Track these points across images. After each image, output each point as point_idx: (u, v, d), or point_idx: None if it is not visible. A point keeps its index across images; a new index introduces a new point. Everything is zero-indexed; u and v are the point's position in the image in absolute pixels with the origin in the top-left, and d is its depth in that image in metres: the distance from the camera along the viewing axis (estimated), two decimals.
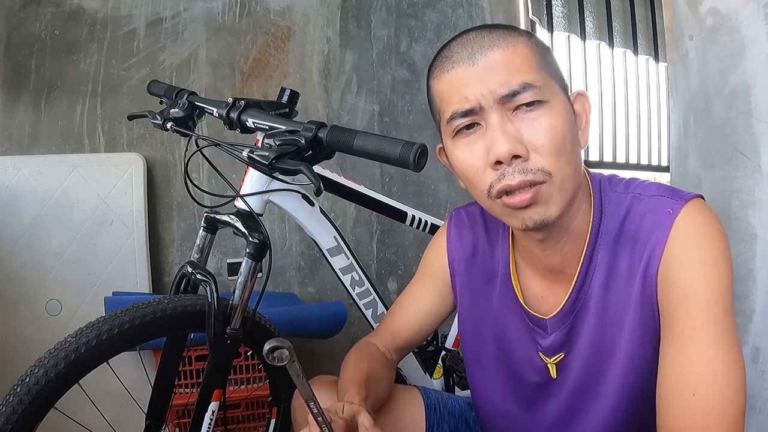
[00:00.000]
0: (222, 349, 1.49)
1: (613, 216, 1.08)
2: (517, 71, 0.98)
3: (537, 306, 1.17)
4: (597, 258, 1.09)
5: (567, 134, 1.00)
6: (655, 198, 1.05)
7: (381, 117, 2.92)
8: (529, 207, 0.99)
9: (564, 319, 1.12)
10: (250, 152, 1.32)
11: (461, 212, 1.35)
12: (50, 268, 2.35)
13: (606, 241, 1.08)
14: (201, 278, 1.49)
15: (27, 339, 2.23)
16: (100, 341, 1.32)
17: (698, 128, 1.84)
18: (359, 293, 1.75)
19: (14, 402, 1.26)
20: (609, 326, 1.08)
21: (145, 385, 1.64)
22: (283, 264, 2.81)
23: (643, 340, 1.05)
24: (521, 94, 0.97)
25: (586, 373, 1.13)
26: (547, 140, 0.97)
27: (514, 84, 0.97)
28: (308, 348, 2.60)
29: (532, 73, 0.99)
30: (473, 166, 1.02)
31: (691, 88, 1.88)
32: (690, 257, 0.98)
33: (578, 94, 1.08)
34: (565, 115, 1.01)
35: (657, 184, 1.10)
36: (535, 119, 0.98)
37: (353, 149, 1.22)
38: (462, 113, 1.01)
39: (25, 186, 2.33)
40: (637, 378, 1.07)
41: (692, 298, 0.95)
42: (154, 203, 2.61)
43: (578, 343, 1.12)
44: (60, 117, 2.51)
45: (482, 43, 1.00)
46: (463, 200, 2.86)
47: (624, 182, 1.13)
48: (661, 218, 1.02)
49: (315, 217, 1.64)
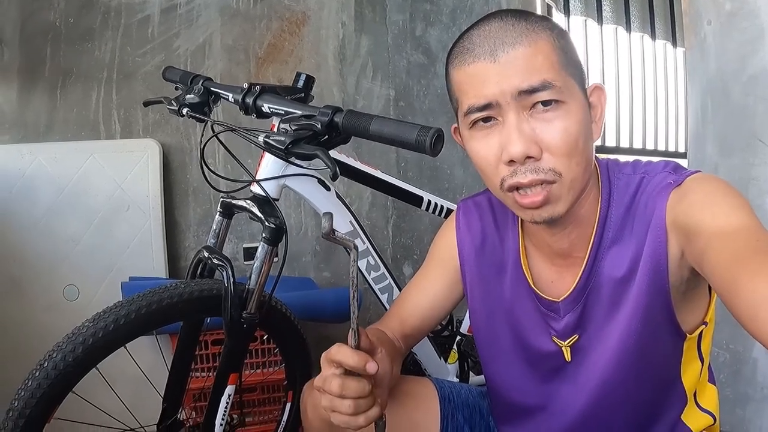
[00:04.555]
0: (238, 334, 1.50)
1: (621, 198, 1.10)
2: (537, 70, 0.98)
3: (548, 290, 1.18)
4: (606, 240, 1.10)
5: (580, 136, 1.00)
6: (661, 174, 1.07)
7: (396, 102, 2.91)
8: (539, 206, 1.01)
9: (576, 300, 1.13)
10: (266, 137, 1.32)
11: (469, 202, 1.35)
12: (67, 254, 2.36)
13: (614, 223, 1.09)
14: (217, 263, 1.49)
15: (45, 324, 2.25)
16: (118, 326, 1.33)
17: (716, 114, 1.83)
18: (375, 278, 1.75)
19: (33, 386, 1.28)
20: (619, 302, 1.09)
21: (162, 368, 1.65)
22: (299, 249, 2.81)
23: (649, 305, 1.06)
24: (540, 92, 0.97)
25: (599, 354, 1.13)
26: (561, 142, 0.98)
27: (534, 81, 0.97)
28: (323, 333, 2.59)
29: (553, 72, 0.99)
30: (487, 159, 1.04)
31: (709, 73, 1.86)
32: (697, 202, 0.99)
33: (595, 87, 1.09)
34: (580, 116, 1.01)
35: (664, 162, 1.12)
36: (550, 120, 0.99)
37: (369, 134, 1.22)
38: (479, 108, 1.01)
39: (42, 173, 2.34)
40: (639, 344, 1.08)
41: (715, 220, 0.94)
42: (170, 189, 2.62)
43: (591, 323, 1.13)
44: (75, 104, 2.52)
45: (504, 38, 0.99)
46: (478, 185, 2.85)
47: (631, 164, 1.15)
48: (664, 188, 1.04)
49: (331, 201, 1.64)
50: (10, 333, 2.28)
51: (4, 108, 2.45)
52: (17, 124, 2.46)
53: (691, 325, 1.11)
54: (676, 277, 1.04)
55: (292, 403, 1.84)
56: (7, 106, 2.45)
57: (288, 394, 1.85)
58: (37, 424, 1.30)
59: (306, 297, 2.13)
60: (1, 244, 2.30)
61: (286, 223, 1.48)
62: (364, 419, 0.95)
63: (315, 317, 2.09)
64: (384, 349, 1.04)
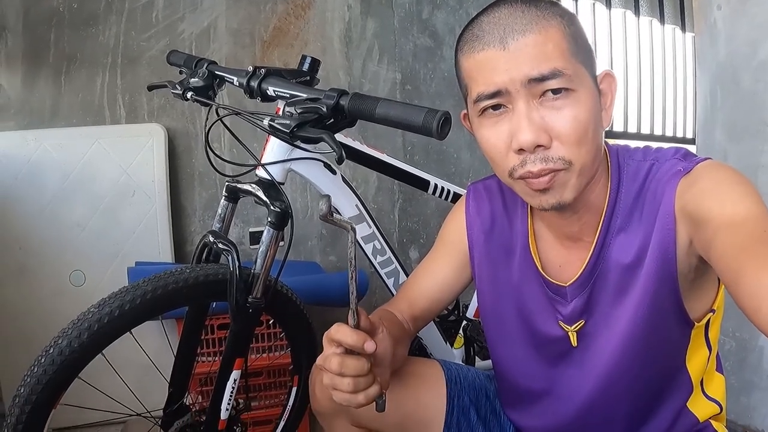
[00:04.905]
0: (244, 318, 1.49)
1: (631, 184, 1.10)
2: (548, 58, 0.97)
3: (556, 274, 1.18)
4: (615, 224, 1.10)
5: (590, 124, 1.00)
6: (670, 161, 1.07)
7: (403, 85, 2.89)
8: (546, 191, 1.02)
9: (583, 285, 1.13)
10: (271, 120, 1.31)
11: (479, 186, 1.35)
12: (73, 240, 2.36)
13: (623, 209, 1.09)
14: (222, 247, 1.49)
15: (51, 310, 2.25)
16: (123, 311, 1.33)
17: (725, 100, 1.82)
18: (381, 262, 1.74)
19: (38, 372, 1.28)
20: (626, 288, 1.09)
21: (168, 353, 1.65)
22: (305, 233, 2.81)
23: (657, 293, 1.06)
24: (550, 80, 0.97)
25: (606, 340, 1.13)
26: (571, 131, 0.98)
27: (544, 69, 0.97)
28: (329, 317, 2.59)
29: (563, 61, 0.98)
30: (497, 147, 1.04)
31: (718, 58, 1.85)
32: (706, 190, 0.99)
33: (606, 74, 1.08)
34: (590, 104, 1.01)
35: (674, 149, 1.11)
36: (560, 108, 0.98)
37: (375, 117, 1.20)
38: (488, 95, 1.01)
39: (47, 159, 2.33)
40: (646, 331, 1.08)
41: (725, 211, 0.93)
42: (176, 173, 2.61)
43: (598, 308, 1.14)
44: (80, 89, 2.51)
45: (514, 26, 0.98)
46: (485, 169, 2.85)
47: (641, 150, 1.14)
48: (673, 175, 1.04)
49: (337, 185, 1.63)
50: (17, 319, 2.29)
51: (8, 94, 2.45)
52: (22, 111, 2.46)
53: (699, 313, 1.11)
54: (684, 264, 1.03)
55: (298, 388, 1.84)
56: (11, 92, 2.45)
57: (294, 379, 1.85)
58: (43, 410, 1.30)
59: (312, 281, 2.12)
60: (7, 231, 2.30)
61: (292, 207, 1.48)
62: (363, 397, 0.98)
63: (321, 301, 2.09)
64: (385, 329, 1.07)
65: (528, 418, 1.33)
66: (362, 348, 0.96)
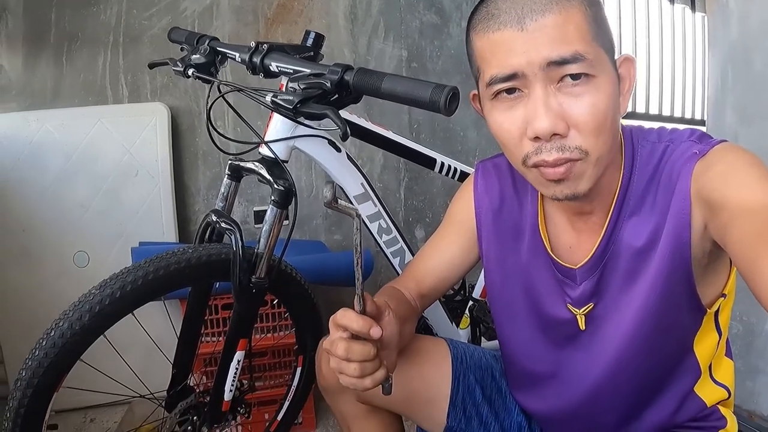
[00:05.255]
0: (247, 298, 1.48)
1: (645, 166, 1.07)
2: (568, 40, 0.93)
3: (566, 256, 1.16)
4: (628, 207, 1.07)
5: (609, 112, 0.96)
6: (686, 143, 1.04)
7: (409, 63, 2.85)
8: (561, 182, 0.98)
9: (593, 268, 1.11)
10: (274, 96, 1.29)
11: (488, 164, 1.32)
12: (77, 221, 2.35)
13: (636, 191, 1.07)
14: (225, 227, 1.47)
15: (56, 292, 2.25)
16: (125, 292, 1.32)
17: (736, 82, 1.80)
18: (387, 241, 1.73)
19: (40, 356, 1.27)
20: (638, 272, 1.07)
21: (172, 334, 1.64)
22: (310, 212, 2.79)
23: (670, 278, 1.03)
24: (570, 64, 0.93)
25: (614, 323, 1.12)
26: (590, 119, 0.95)
27: (565, 52, 0.92)
28: (335, 296, 2.58)
29: (584, 44, 0.94)
30: (510, 133, 1.00)
31: (730, 39, 1.84)
32: (722, 173, 0.96)
33: (625, 58, 1.04)
34: (610, 91, 0.97)
35: (690, 130, 1.08)
36: (579, 95, 0.94)
37: (381, 92, 1.17)
38: (503, 78, 0.97)
39: (49, 140, 2.31)
40: (658, 316, 1.07)
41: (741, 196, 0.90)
42: (180, 152, 2.60)
43: (607, 292, 1.12)
44: (82, 69, 2.48)
45: (533, 5, 0.94)
46: (492, 148, 2.82)
47: (656, 131, 1.11)
48: (689, 158, 1.01)
49: (342, 163, 1.61)
50: (21, 301, 2.29)
51: (10, 76, 2.42)
52: (23, 92, 2.43)
53: (711, 299, 1.09)
54: (698, 249, 1.01)
55: (303, 368, 1.84)
56: (12, 73, 2.42)
57: (299, 359, 1.85)
58: (45, 393, 1.29)
59: (317, 260, 2.11)
60: (10, 213, 2.29)
61: (297, 186, 1.46)
62: (370, 381, 0.98)
63: (326, 281, 2.08)
64: (391, 312, 1.05)
65: (533, 400, 1.32)
66: (368, 334, 0.95)
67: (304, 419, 2.24)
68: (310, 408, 2.25)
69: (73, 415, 2.34)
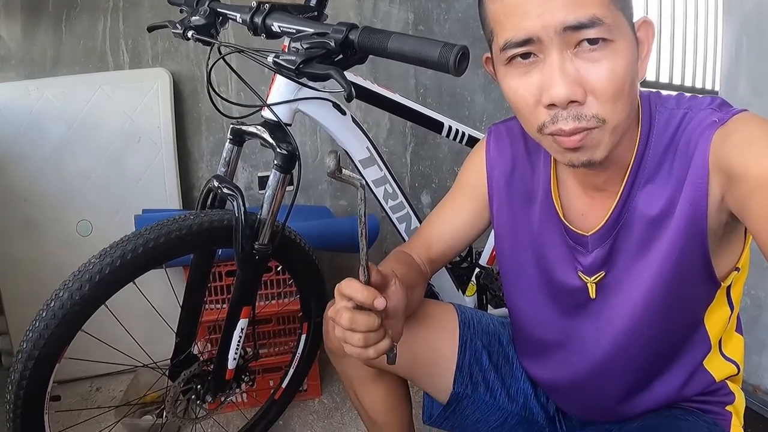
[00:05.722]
0: (250, 265, 1.47)
1: (662, 133, 1.03)
2: (585, 3, 0.88)
3: (578, 223, 1.13)
4: (643, 175, 1.04)
5: (628, 77, 0.92)
6: (705, 111, 0.99)
7: (416, 26, 2.80)
8: (577, 149, 0.95)
9: (606, 235, 1.08)
10: (276, 57, 1.24)
11: (500, 128, 1.29)
12: (79, 190, 2.32)
13: (652, 159, 1.03)
14: (228, 192, 1.45)
15: (60, 262, 2.22)
16: (125, 261, 1.31)
17: (751, 52, 1.78)
18: (392, 206, 1.70)
19: (40, 327, 1.27)
20: (651, 241, 1.04)
21: (175, 303, 1.63)
22: (315, 177, 2.76)
23: (684, 248, 1.00)
24: (588, 29, 0.88)
25: (625, 292, 1.10)
26: (608, 85, 0.90)
27: (582, 16, 0.87)
28: (340, 262, 2.57)
29: (602, 7, 0.88)
30: (525, 100, 0.96)
31: (745, 8, 1.81)
32: (742, 143, 0.91)
33: (644, 21, 0.99)
34: (628, 56, 0.92)
35: (710, 97, 1.04)
36: (597, 61, 0.90)
37: (388, 52, 1.13)
38: (518, 43, 0.92)
39: (50, 109, 2.27)
40: (671, 287, 1.04)
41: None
42: (182, 118, 2.56)
43: (619, 260, 1.09)
44: (82, 36, 2.43)
45: None
46: (500, 113, 2.79)
47: (675, 98, 1.07)
48: (708, 127, 0.97)
49: (347, 126, 1.58)
50: (25, 272, 2.27)
51: (9, 45, 2.38)
52: (23, 61, 2.39)
53: (724, 272, 1.06)
54: (715, 220, 0.98)
55: (308, 335, 1.83)
56: (11, 43, 2.38)
57: (303, 326, 1.84)
58: (46, 365, 1.29)
59: (321, 226, 2.08)
60: (12, 184, 2.27)
61: (301, 150, 1.43)
62: (373, 351, 0.98)
63: (330, 247, 2.06)
64: (398, 282, 1.04)
65: (541, 368, 1.31)
66: (372, 305, 0.94)
67: (309, 386, 2.23)
68: (315, 375, 2.24)
69: (79, 385, 2.35)
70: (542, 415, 1.38)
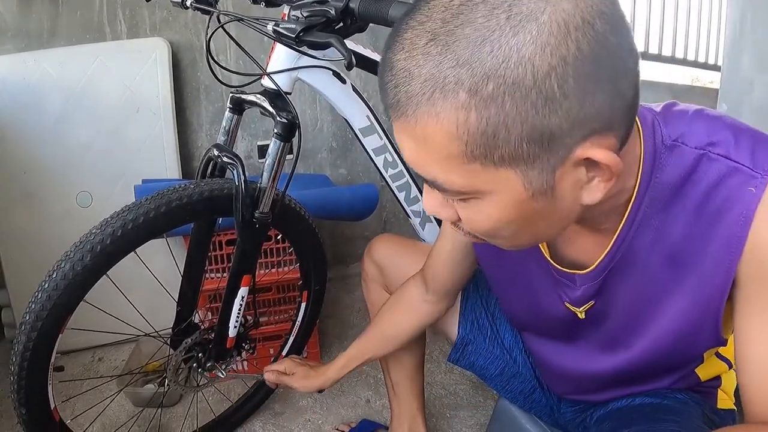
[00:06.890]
0: (250, 234, 1.47)
1: (671, 171, 0.85)
2: (424, 162, 0.71)
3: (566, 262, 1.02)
4: (646, 215, 0.88)
5: (513, 217, 0.75)
6: (731, 164, 0.81)
7: None
8: None
9: (597, 275, 0.97)
10: (275, 25, 1.24)
11: None
12: (78, 161, 2.31)
13: (659, 198, 0.86)
14: (227, 161, 1.45)
15: (60, 233, 2.23)
16: (126, 231, 1.31)
17: (755, 26, 1.77)
18: (392, 175, 1.70)
19: (43, 298, 1.27)
20: (653, 286, 0.94)
21: (176, 272, 1.63)
22: (315, 145, 2.76)
23: (694, 307, 0.91)
24: (438, 186, 0.74)
25: (617, 320, 1.03)
26: (479, 226, 0.78)
27: (424, 173, 0.73)
28: (339, 231, 2.57)
29: (450, 169, 0.69)
30: None
31: None
32: None
33: (587, 159, 0.70)
34: (512, 200, 0.72)
35: (731, 128, 0.84)
36: (467, 206, 0.76)
37: (388, 20, 1.12)
38: None
39: (48, 80, 2.26)
40: (671, 341, 0.98)
41: None
42: (181, 88, 2.55)
43: (612, 295, 0.99)
44: (79, 6, 2.40)
45: (400, 80, 0.67)
46: None
47: (686, 120, 0.87)
48: (743, 197, 0.80)
49: (347, 94, 1.58)
50: (26, 244, 2.28)
51: (5, 17, 2.35)
52: (20, 33, 2.36)
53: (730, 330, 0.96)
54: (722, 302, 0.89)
55: (308, 303, 1.84)
56: (8, 15, 2.35)
57: (303, 294, 1.84)
58: (49, 335, 1.30)
59: (321, 195, 2.07)
60: (11, 156, 2.26)
61: (301, 119, 1.43)
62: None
63: (330, 215, 2.05)
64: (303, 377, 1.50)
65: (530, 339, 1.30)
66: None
67: (309, 354, 2.24)
68: (315, 343, 2.25)
69: (82, 355, 2.36)
70: (531, 372, 1.39)
